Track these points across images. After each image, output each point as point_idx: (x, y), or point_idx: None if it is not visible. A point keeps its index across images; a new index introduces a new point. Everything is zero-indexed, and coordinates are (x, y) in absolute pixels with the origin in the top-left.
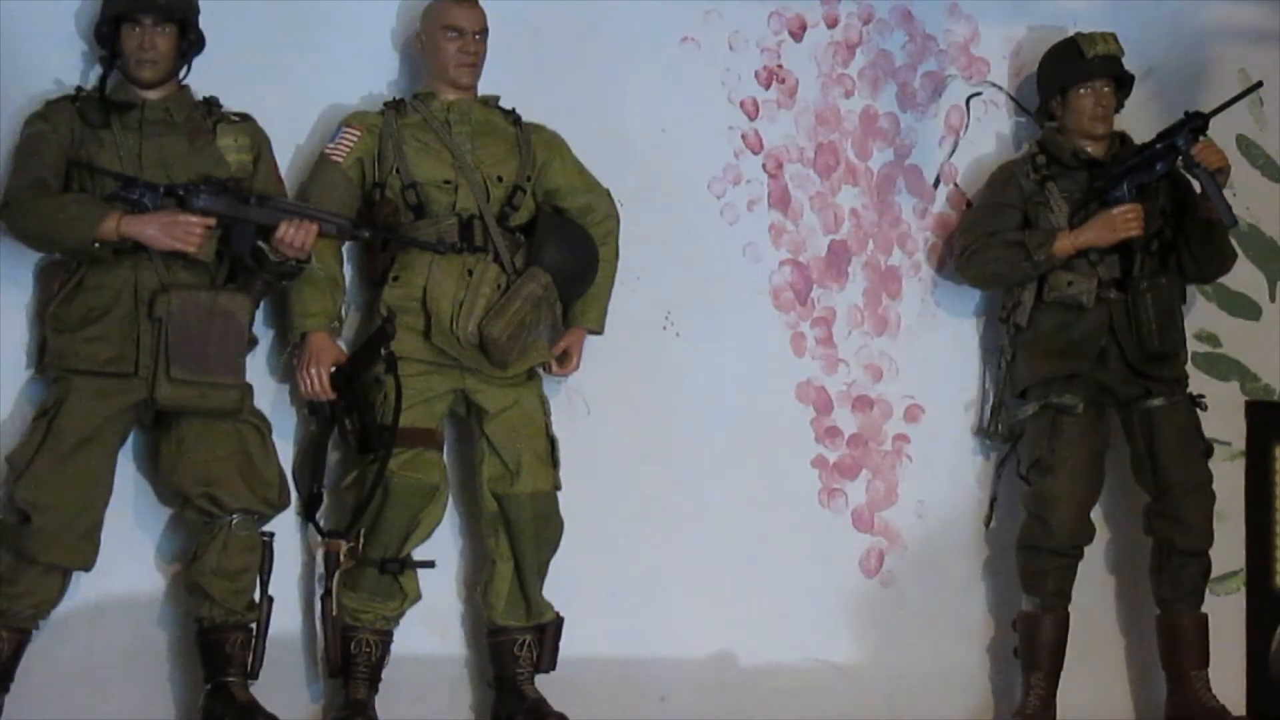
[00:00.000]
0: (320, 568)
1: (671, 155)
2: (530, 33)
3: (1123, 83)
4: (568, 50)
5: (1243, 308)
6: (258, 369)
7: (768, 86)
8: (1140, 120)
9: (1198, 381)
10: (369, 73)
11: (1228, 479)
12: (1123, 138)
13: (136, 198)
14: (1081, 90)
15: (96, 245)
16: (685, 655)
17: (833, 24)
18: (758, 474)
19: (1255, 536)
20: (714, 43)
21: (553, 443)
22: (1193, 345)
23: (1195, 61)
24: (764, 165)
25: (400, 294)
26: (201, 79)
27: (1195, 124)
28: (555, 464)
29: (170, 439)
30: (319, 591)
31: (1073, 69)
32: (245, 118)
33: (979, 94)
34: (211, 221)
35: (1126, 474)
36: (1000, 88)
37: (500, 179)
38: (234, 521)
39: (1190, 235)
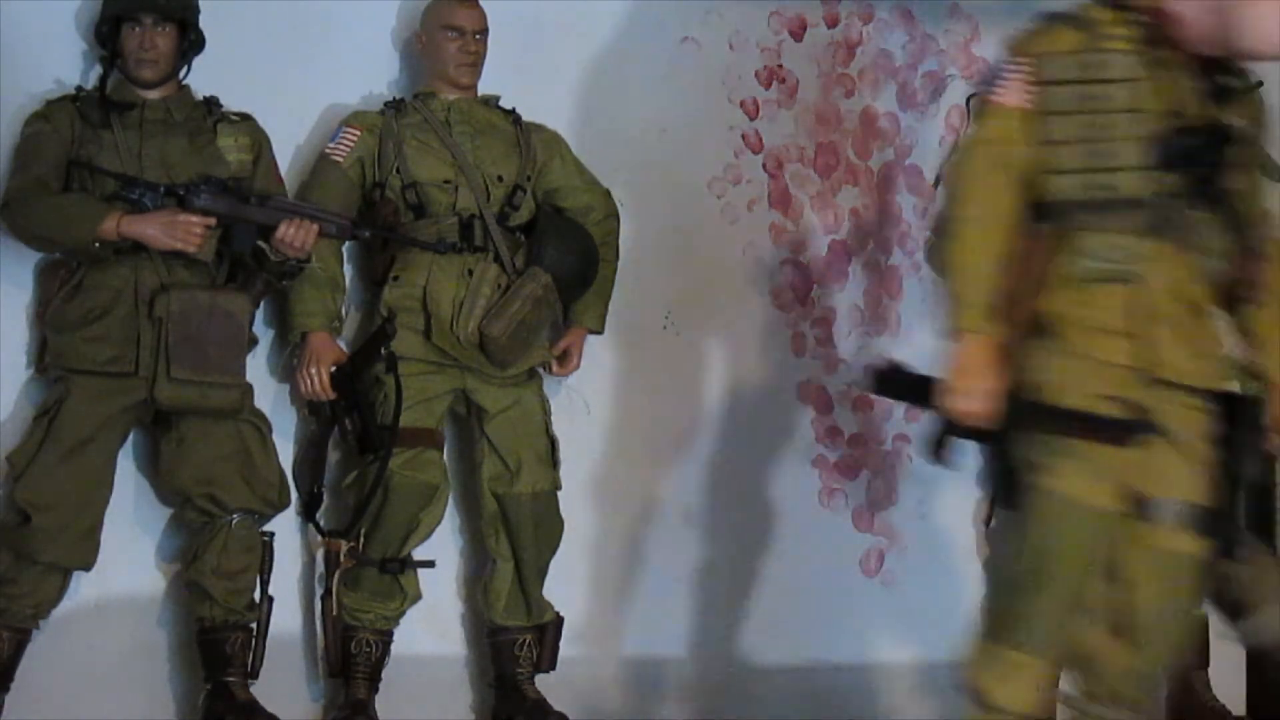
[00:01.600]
0: (320, 567)
1: (671, 155)
2: (530, 33)
3: None
4: (568, 50)
5: None
6: (258, 369)
7: (768, 86)
8: None
9: None
10: (369, 73)
11: None
12: None
13: (137, 197)
14: None
15: (96, 245)
16: (685, 655)
17: (833, 24)
18: (758, 474)
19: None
20: (714, 43)
21: (553, 443)
22: None
23: None
24: (764, 165)
25: (400, 294)
26: (201, 79)
27: None
28: (555, 464)
29: (170, 439)
30: (319, 591)
31: None
32: (245, 117)
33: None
34: (212, 221)
35: None
36: None
37: (500, 179)
38: (234, 521)
39: None
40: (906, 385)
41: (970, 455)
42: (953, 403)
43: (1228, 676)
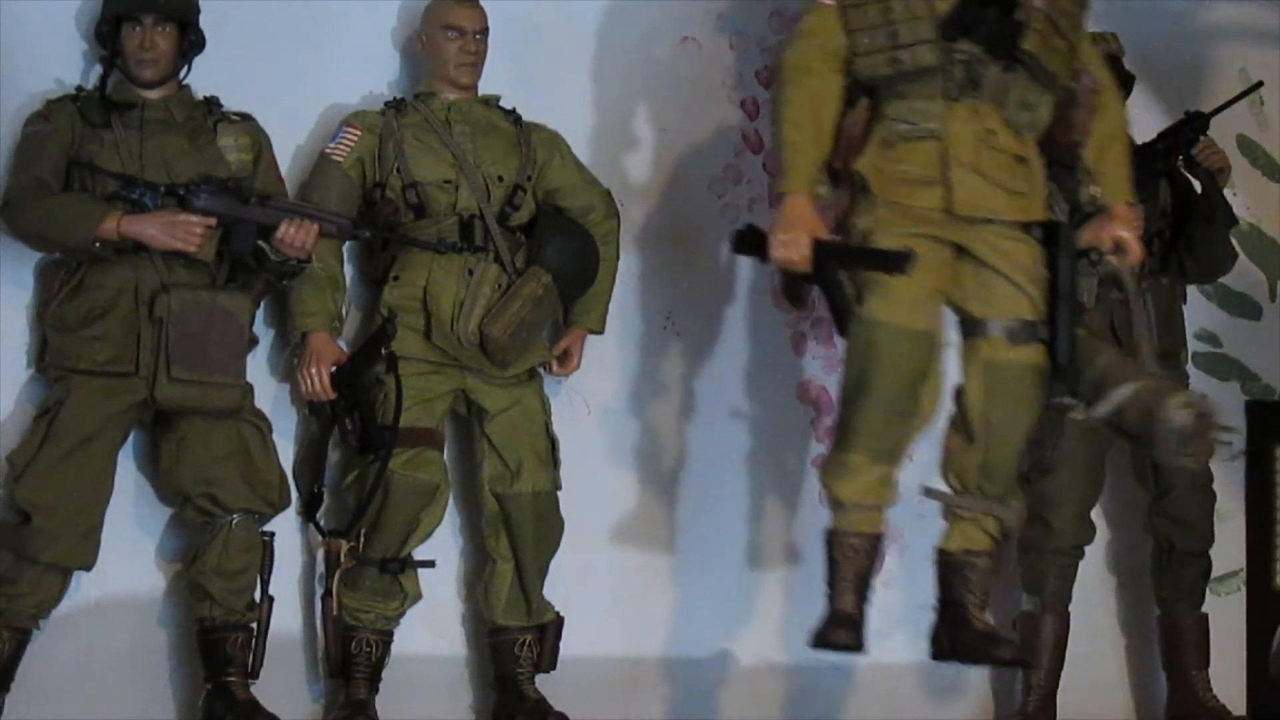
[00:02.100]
0: (321, 567)
1: (672, 155)
2: (531, 32)
3: (1123, 83)
4: (568, 50)
5: (1243, 307)
6: (258, 369)
7: (768, 86)
8: (1140, 120)
9: (1198, 381)
10: (369, 73)
11: (1228, 479)
12: None
13: (137, 197)
14: None
15: (97, 245)
16: (685, 655)
17: None
18: (758, 474)
19: (1255, 536)
20: (714, 42)
21: (553, 443)
22: (1193, 345)
23: (1195, 61)
24: (764, 165)
25: (401, 294)
26: (202, 79)
27: (1196, 124)
28: (555, 464)
29: (171, 438)
30: (319, 591)
31: None
32: (246, 117)
33: None
34: (212, 221)
35: (1127, 474)
36: None
37: (501, 178)
38: (234, 521)
39: (1190, 235)
40: (755, 242)
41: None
42: (778, 251)
43: (1228, 676)
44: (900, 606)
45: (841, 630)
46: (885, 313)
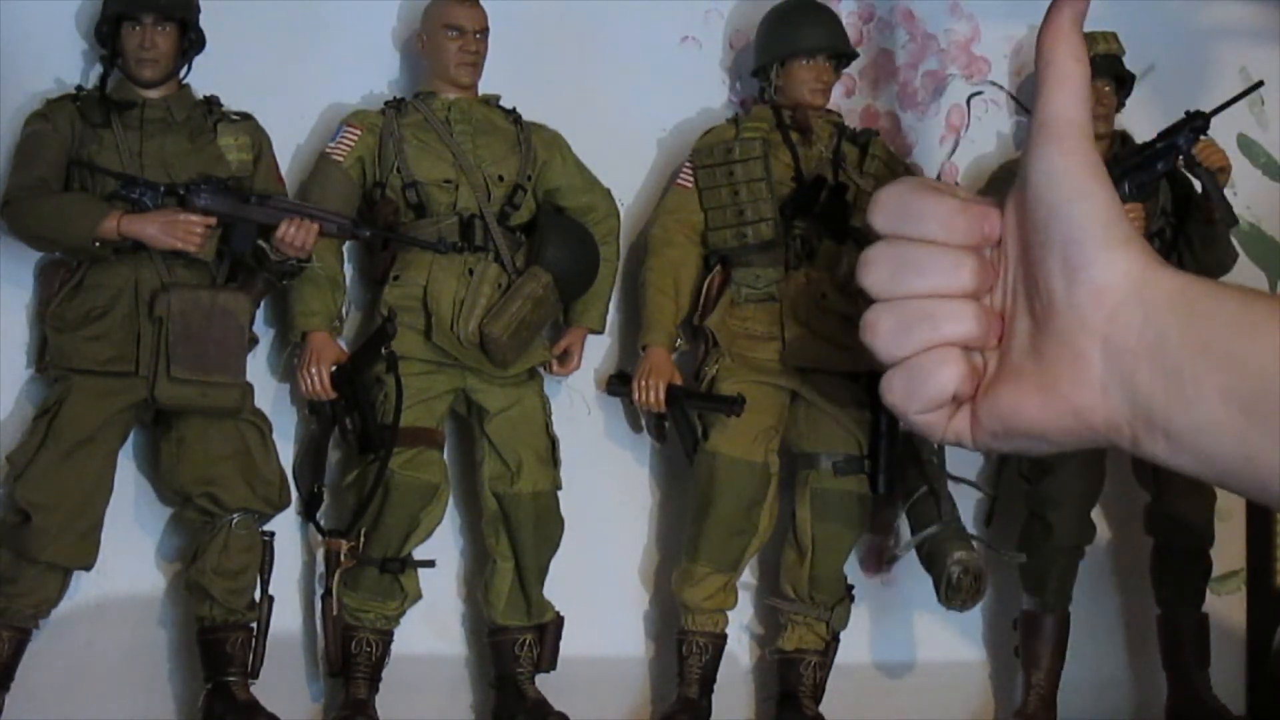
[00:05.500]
0: (321, 567)
1: (672, 155)
2: (530, 32)
3: (1123, 82)
4: (568, 50)
5: None
6: (258, 368)
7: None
8: (1140, 120)
9: None
10: (369, 72)
11: None
12: (1123, 137)
13: (137, 197)
14: None
15: (97, 244)
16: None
17: None
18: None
19: (1255, 536)
20: (714, 42)
21: (553, 442)
22: None
23: (1195, 61)
24: None
25: (401, 293)
26: (202, 78)
27: (1196, 123)
28: (556, 464)
29: (170, 438)
30: (319, 591)
31: None
32: (246, 117)
33: (980, 93)
34: (212, 221)
35: (1127, 474)
36: (1001, 87)
37: (501, 178)
38: (234, 521)
39: (1191, 235)
40: (624, 384)
41: (970, 455)
42: (638, 394)
43: (1228, 676)
44: (900, 606)
45: (685, 715)
46: (725, 446)
